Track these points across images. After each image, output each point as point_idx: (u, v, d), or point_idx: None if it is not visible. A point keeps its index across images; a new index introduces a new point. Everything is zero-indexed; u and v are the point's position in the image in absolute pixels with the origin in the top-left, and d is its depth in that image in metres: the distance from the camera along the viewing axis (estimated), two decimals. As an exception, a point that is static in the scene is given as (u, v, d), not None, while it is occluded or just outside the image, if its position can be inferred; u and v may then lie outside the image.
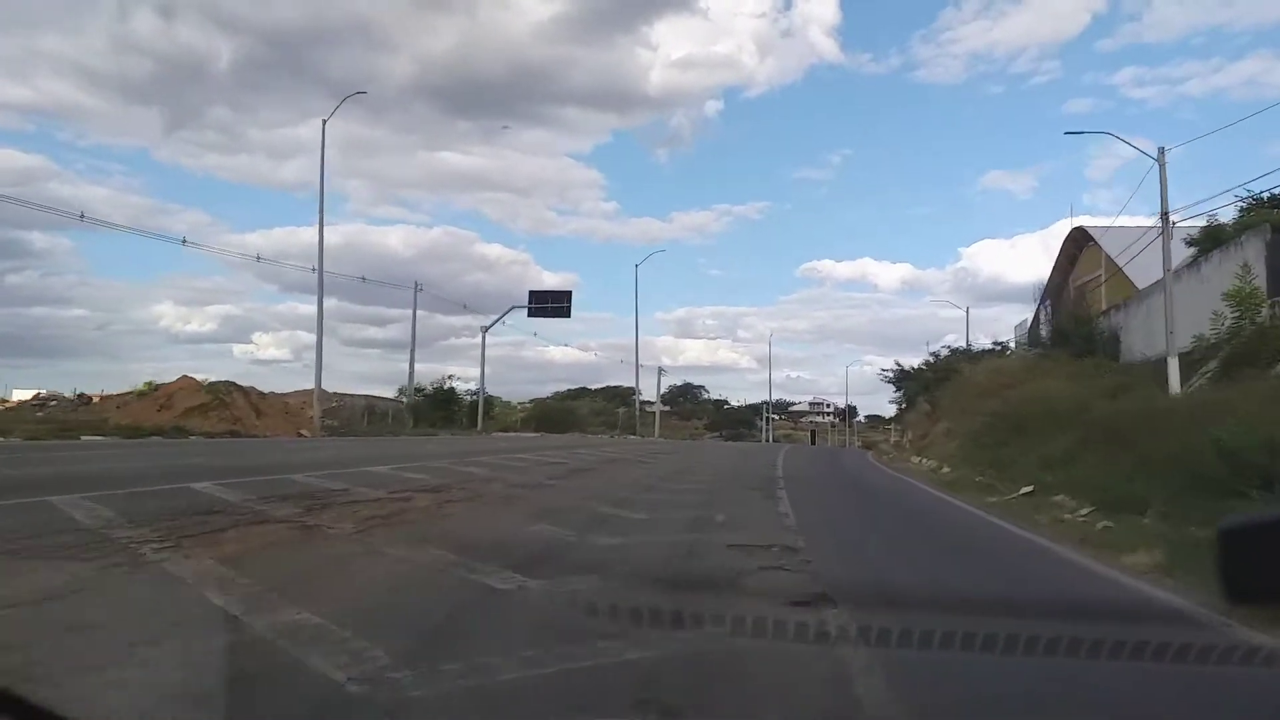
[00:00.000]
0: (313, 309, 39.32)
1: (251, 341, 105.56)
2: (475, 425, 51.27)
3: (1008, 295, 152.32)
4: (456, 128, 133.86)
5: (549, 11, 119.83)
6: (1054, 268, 39.88)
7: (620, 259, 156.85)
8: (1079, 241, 36.80)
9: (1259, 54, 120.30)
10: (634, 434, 61.77)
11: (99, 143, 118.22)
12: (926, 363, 46.78)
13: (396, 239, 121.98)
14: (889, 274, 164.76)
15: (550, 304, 57.16)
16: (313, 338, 38.76)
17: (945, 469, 21.49)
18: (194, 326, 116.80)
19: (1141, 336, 25.70)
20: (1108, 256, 31.49)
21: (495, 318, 57.32)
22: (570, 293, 58.97)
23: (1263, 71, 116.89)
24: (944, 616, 4.54)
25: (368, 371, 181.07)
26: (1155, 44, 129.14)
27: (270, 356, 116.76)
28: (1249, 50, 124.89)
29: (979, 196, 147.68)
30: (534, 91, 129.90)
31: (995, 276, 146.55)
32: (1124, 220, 32.88)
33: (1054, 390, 20.63)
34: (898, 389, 60.51)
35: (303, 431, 34.29)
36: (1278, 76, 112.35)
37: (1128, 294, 28.79)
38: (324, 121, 38.94)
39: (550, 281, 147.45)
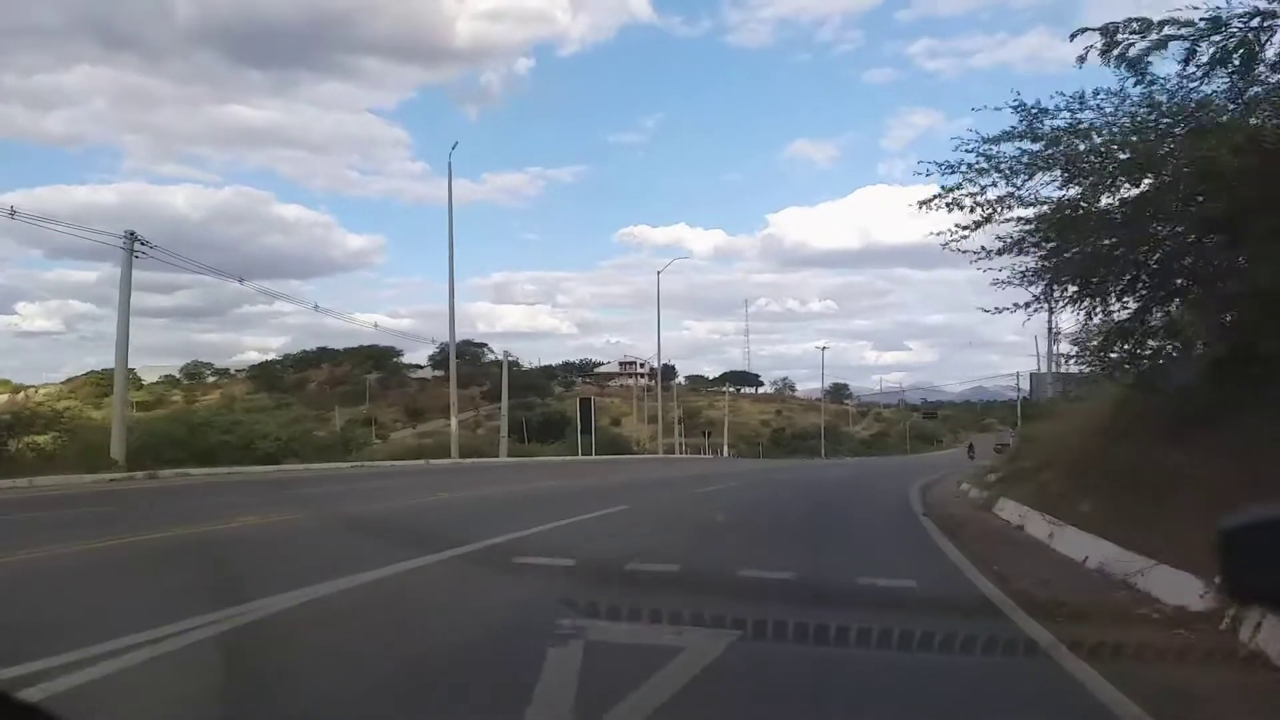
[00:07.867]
0: (89, 275, 25.98)
1: (15, 312, 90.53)
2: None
3: (812, 261, 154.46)
4: (247, 79, 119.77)
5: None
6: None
7: (431, 221, 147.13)
8: None
9: (1038, 30, 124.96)
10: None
11: None
12: None
13: (183, 199, 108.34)
14: (703, 240, 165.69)
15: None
16: (89, 307, 23.04)
17: None
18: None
19: None
20: None
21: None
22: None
23: (1044, 47, 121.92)
24: None
25: (153, 343, 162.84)
26: (947, 17, 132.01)
27: (38, 328, 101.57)
28: (1029, 26, 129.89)
29: (786, 164, 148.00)
30: (331, 40, 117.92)
31: (800, 243, 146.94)
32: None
33: None
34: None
35: None
36: (1057, 52, 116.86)
37: None
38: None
39: (355, 245, 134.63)
